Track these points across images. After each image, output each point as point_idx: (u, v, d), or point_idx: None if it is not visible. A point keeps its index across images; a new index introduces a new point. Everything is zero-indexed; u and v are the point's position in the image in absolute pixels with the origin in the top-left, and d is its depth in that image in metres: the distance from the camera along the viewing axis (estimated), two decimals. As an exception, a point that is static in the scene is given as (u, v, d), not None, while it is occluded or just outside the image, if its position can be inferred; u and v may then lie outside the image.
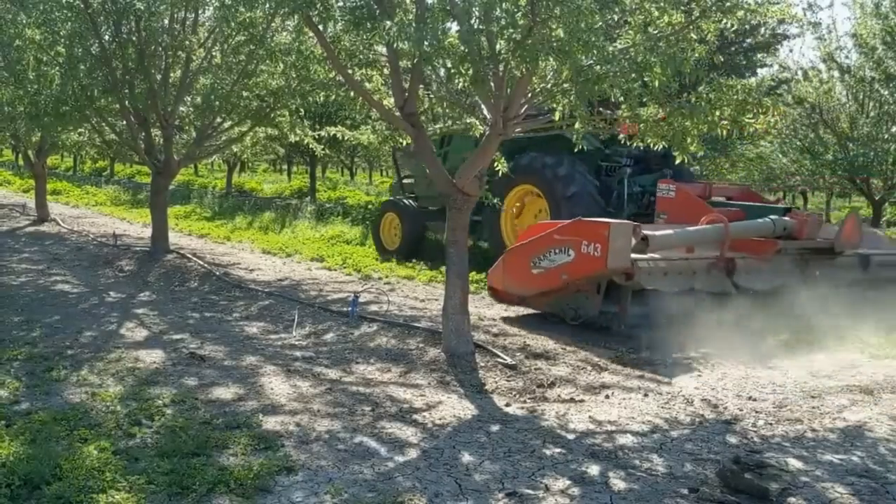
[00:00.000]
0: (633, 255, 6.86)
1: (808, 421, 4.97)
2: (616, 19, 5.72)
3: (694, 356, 6.56)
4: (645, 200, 10.64)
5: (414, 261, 11.58)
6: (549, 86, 5.95)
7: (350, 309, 7.48)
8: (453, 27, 5.56)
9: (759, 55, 14.50)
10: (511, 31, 5.12)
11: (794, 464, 4.25)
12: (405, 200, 12.85)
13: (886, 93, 15.00)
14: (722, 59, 7.63)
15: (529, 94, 6.09)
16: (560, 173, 9.96)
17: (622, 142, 6.40)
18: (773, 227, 8.20)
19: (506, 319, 7.80)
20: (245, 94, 10.26)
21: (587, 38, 4.90)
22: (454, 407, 5.13)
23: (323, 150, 11.76)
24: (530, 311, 8.01)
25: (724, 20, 5.59)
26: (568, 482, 3.93)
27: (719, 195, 9.59)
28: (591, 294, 7.20)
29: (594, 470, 4.10)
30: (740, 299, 7.16)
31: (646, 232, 7.09)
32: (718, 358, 6.46)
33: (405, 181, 13.49)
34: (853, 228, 8.85)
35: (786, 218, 8.40)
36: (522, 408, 5.16)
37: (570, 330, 7.25)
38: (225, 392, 5.26)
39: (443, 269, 7.00)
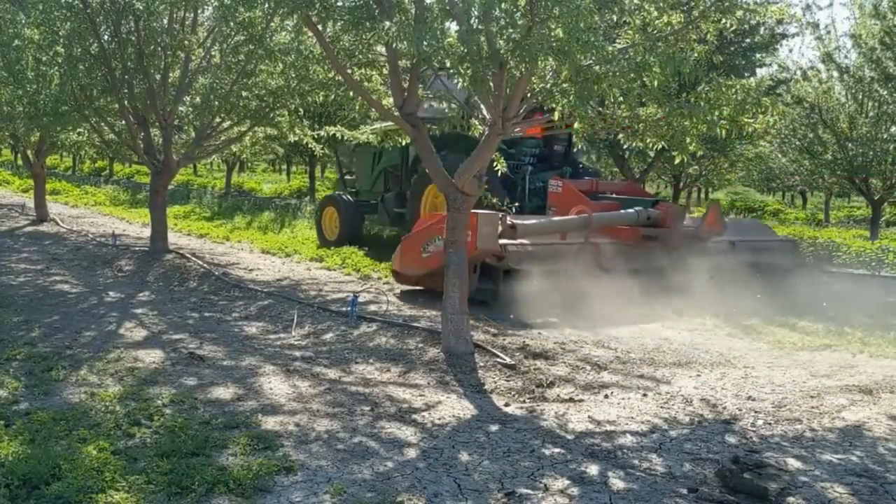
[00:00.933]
0: (503, 241, 7.99)
1: (807, 421, 4.97)
2: (615, 19, 5.73)
3: (548, 322, 7.71)
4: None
5: (351, 247, 12.30)
6: (548, 86, 5.95)
7: (349, 309, 7.48)
8: (452, 27, 5.56)
9: (758, 55, 14.47)
10: (510, 30, 5.12)
11: (793, 463, 4.25)
12: (344, 195, 13.84)
13: (885, 93, 15.00)
14: (721, 59, 7.65)
15: (529, 94, 6.09)
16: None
17: (527, 140, 6.91)
18: (637, 217, 9.33)
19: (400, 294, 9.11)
20: (244, 93, 10.26)
21: (586, 38, 4.90)
22: (453, 407, 5.13)
23: (322, 149, 11.76)
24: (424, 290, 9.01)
25: (723, 20, 5.60)
26: (567, 482, 3.94)
27: (605, 190, 10.84)
28: (469, 273, 7.85)
29: (593, 470, 4.11)
30: (605, 277, 8.06)
31: (515, 221, 8.26)
32: (562, 322, 7.65)
33: (347, 177, 14.81)
34: (715, 217, 10.01)
35: (651, 209, 9.51)
36: (521, 407, 5.16)
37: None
38: (224, 392, 5.26)
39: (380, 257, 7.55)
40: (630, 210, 9.48)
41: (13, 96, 11.04)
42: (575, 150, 11.77)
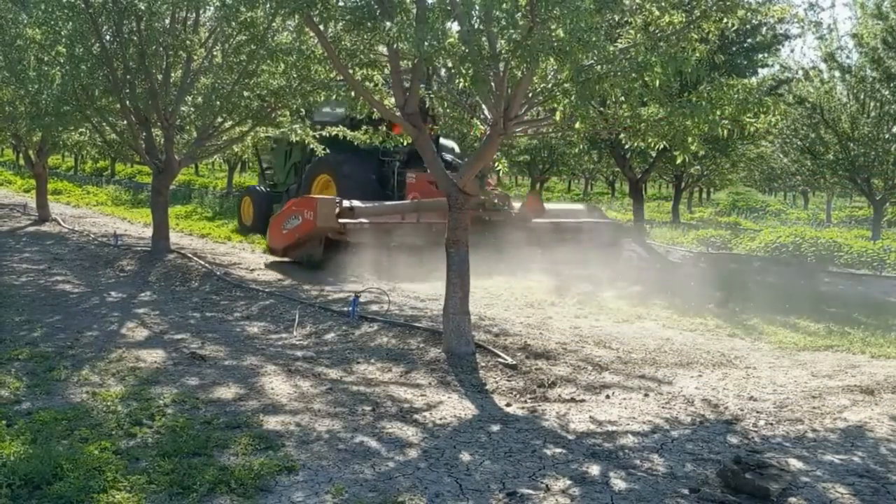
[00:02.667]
0: (343, 220, 10.31)
1: (809, 421, 4.97)
2: (616, 19, 5.72)
3: (363, 278, 9.80)
4: None
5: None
6: (549, 86, 5.95)
7: (351, 309, 7.48)
8: (454, 27, 5.56)
9: (760, 55, 14.47)
10: (511, 31, 5.12)
11: (795, 464, 4.25)
12: (258, 187, 16.40)
13: (887, 93, 14.99)
14: (723, 59, 7.65)
15: (530, 94, 6.09)
16: (344, 166, 13.06)
17: (397, 140, 7.67)
18: (482, 202, 11.42)
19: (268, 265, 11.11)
20: (246, 93, 10.26)
21: (587, 38, 4.89)
22: (455, 407, 5.13)
23: (324, 149, 11.79)
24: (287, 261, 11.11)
25: (725, 20, 5.59)
26: (568, 482, 3.93)
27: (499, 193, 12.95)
28: (316, 246, 10.58)
29: (595, 470, 4.11)
30: (432, 249, 9.48)
31: (353, 204, 10.70)
32: (377, 279, 9.65)
33: (267, 171, 16.87)
34: (534, 203, 12.77)
35: (481, 196, 11.24)
36: (523, 408, 5.16)
37: (311, 271, 10.41)
38: (226, 392, 5.26)
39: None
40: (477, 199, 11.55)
41: (15, 96, 11.06)
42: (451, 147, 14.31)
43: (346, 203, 10.65)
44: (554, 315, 8.30)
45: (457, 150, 15.16)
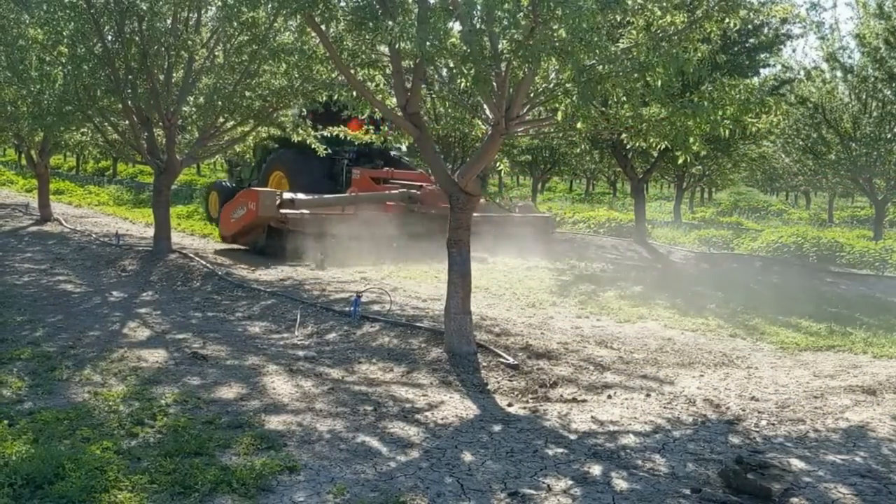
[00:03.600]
0: (284, 211, 11.47)
1: (811, 421, 4.97)
2: (618, 19, 5.71)
3: (302, 264, 11.03)
4: None
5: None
6: (551, 86, 5.95)
7: (352, 309, 7.48)
8: (455, 27, 5.56)
9: (762, 55, 14.45)
10: (513, 31, 5.12)
11: (797, 464, 4.25)
12: (224, 182, 17.62)
13: (889, 92, 14.98)
14: (724, 59, 7.64)
15: (532, 94, 6.09)
16: (295, 163, 14.45)
17: (347, 139, 8.19)
18: (401, 197, 12.92)
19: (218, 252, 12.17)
20: (248, 93, 10.27)
21: (589, 38, 4.89)
22: (456, 407, 5.13)
23: (325, 150, 11.81)
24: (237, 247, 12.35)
25: (727, 20, 5.58)
26: (570, 482, 3.93)
27: (399, 178, 14.45)
28: (261, 233, 11.89)
29: (596, 470, 4.11)
30: (366, 238, 11.37)
31: (294, 196, 11.95)
32: (310, 263, 10.96)
33: (236, 168, 18.05)
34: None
35: (413, 191, 12.98)
36: (524, 408, 5.16)
37: (257, 256, 11.76)
38: (227, 392, 5.27)
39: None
40: (395, 192, 13.21)
41: (17, 96, 11.07)
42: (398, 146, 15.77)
43: (286, 195, 11.94)
44: (555, 315, 8.29)
45: (403, 149, 16.23)
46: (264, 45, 8.48)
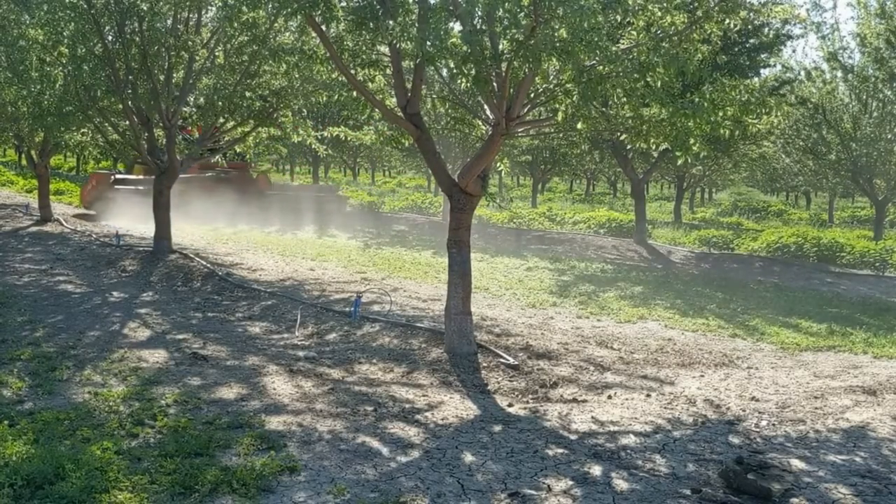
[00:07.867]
0: (117, 187, 17.04)
1: (811, 421, 4.96)
2: (619, 20, 5.71)
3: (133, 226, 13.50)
4: None
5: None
6: (551, 86, 5.94)
7: (352, 309, 7.48)
8: (456, 27, 5.56)
9: (762, 55, 14.44)
10: (514, 30, 5.12)
11: (797, 464, 4.24)
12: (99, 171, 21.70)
13: (890, 93, 14.97)
14: (725, 59, 7.64)
15: (532, 95, 6.08)
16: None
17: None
18: (216, 176, 18.44)
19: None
20: (248, 94, 10.26)
21: (590, 39, 4.89)
22: (457, 407, 5.13)
23: (326, 150, 11.79)
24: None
25: (727, 20, 5.58)
26: (570, 482, 3.93)
27: (225, 168, 18.22)
28: (102, 203, 17.19)
29: (596, 470, 4.10)
30: (181, 208, 14.45)
31: (123, 177, 18.11)
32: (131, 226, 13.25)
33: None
34: (264, 181, 20.53)
35: (223, 174, 18.45)
36: (525, 408, 5.16)
37: (101, 219, 16.48)
38: (228, 392, 5.27)
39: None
40: (209, 173, 18.32)
41: (17, 96, 11.05)
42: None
43: (118, 176, 17.71)
44: (556, 315, 8.29)
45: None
46: (264, 46, 8.48)
